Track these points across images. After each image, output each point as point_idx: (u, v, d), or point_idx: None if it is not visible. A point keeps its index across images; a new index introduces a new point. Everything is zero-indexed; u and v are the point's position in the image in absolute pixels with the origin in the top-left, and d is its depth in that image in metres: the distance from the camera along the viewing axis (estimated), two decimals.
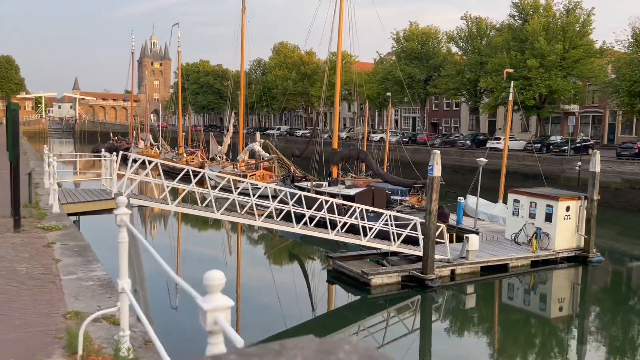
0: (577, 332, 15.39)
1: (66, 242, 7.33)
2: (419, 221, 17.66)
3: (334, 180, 27.89)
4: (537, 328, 15.53)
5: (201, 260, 21.24)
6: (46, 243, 7.20)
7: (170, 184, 13.17)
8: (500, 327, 15.95)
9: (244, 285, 18.02)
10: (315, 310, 16.49)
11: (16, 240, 7.30)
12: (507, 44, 44.60)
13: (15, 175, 7.69)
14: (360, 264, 17.40)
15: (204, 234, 27.17)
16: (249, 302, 16.30)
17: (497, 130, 59.10)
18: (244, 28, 38.84)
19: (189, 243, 24.56)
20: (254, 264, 21.90)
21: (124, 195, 12.46)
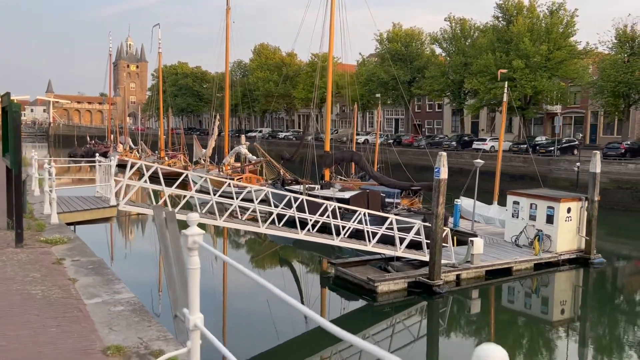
0: (583, 336, 15.15)
1: (77, 258, 6.60)
2: (422, 225, 17.23)
3: (326, 184, 27.33)
4: (545, 333, 15.23)
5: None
6: (55, 259, 6.46)
7: (171, 190, 12.43)
8: (506, 332, 15.58)
9: (234, 295, 17.30)
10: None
11: (21, 256, 6.54)
12: (491, 45, 44.73)
13: (17, 184, 6.92)
14: (364, 270, 16.86)
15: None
16: (243, 313, 15.58)
17: (480, 131, 59.41)
18: (229, 28, 38.08)
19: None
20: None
21: (122, 203, 11.69)
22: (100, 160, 12.72)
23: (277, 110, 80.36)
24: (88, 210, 11.04)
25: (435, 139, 52.28)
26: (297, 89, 69.42)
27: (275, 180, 31.30)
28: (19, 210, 6.88)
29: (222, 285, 17.96)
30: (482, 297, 17.35)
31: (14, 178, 6.89)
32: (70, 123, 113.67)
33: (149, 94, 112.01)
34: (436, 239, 15.55)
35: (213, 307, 14.94)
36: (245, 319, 14.67)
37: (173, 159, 48.50)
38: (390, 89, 55.52)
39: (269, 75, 74.37)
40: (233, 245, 25.70)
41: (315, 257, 22.25)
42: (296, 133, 75.60)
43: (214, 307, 14.98)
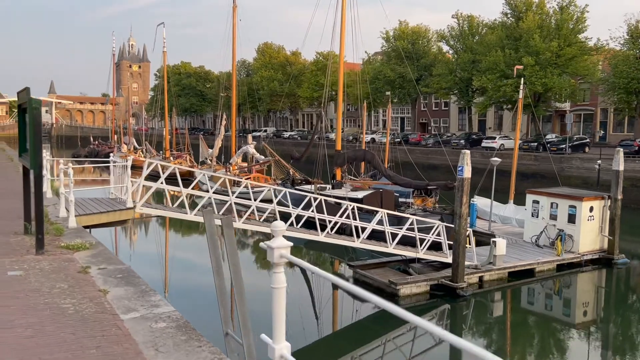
0: (607, 339, 14.69)
1: (103, 266, 6.11)
2: (443, 225, 16.74)
3: (337, 183, 26.84)
4: (568, 335, 14.79)
5: (190, 267, 20.23)
6: (80, 267, 5.98)
7: (188, 190, 11.95)
8: (529, 335, 15.09)
9: (247, 298, 16.79)
10: (337, 323, 15.46)
11: (43, 264, 6.06)
12: (500, 42, 44.19)
13: (38, 186, 6.43)
14: (383, 272, 16.38)
15: (193, 239, 25.85)
16: (256, 317, 15.13)
17: (487, 130, 58.85)
18: (235, 26, 37.55)
19: (177, 250, 23.33)
20: (254, 272, 20.78)
21: (139, 205, 11.21)
22: (115, 161, 12.23)
23: (282, 109, 79.85)
24: (104, 212, 10.56)
25: (443, 137, 51.73)
26: (302, 88, 68.91)
27: (284, 180, 30.82)
28: (40, 215, 6.39)
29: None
30: (505, 300, 16.85)
31: (34, 179, 6.40)
32: (73, 124, 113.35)
33: (152, 94, 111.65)
34: (459, 240, 15.06)
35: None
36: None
37: (178, 159, 48.00)
38: (397, 87, 55.00)
39: (274, 74, 73.89)
40: (242, 246, 25.23)
41: (327, 258, 21.80)
42: (301, 132, 75.10)
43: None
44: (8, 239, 7.42)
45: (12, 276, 5.53)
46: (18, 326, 4.09)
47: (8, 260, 6.21)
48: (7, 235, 7.69)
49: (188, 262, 21.14)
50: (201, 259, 21.94)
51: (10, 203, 11.31)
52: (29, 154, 7.19)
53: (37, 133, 6.32)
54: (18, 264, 6.06)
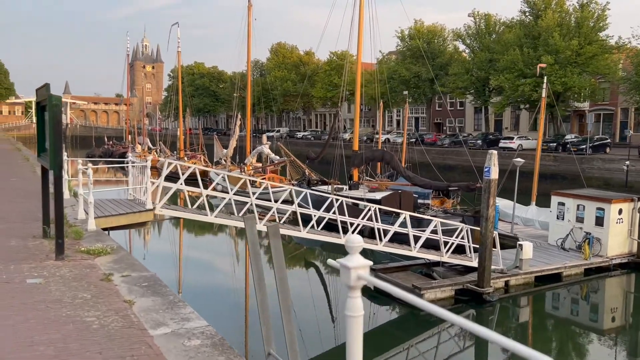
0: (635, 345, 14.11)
1: (126, 273, 5.74)
2: (468, 228, 16.25)
3: (355, 184, 26.40)
4: (596, 341, 14.25)
5: (212, 272, 19.88)
6: (102, 275, 5.61)
7: (208, 192, 11.60)
8: (557, 341, 14.55)
9: (270, 310, 16.40)
10: None
11: (64, 271, 5.70)
12: (518, 40, 43.44)
13: (58, 187, 6.08)
14: (406, 276, 15.91)
15: (210, 241, 25.54)
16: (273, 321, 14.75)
17: (504, 130, 58.02)
18: (250, 25, 37.26)
19: (195, 252, 23.03)
20: (269, 274, 20.42)
21: (158, 207, 10.88)
22: (134, 161, 11.91)
23: (295, 109, 79.57)
24: (124, 214, 10.22)
25: (459, 137, 51.03)
26: (315, 88, 68.54)
27: (300, 181, 30.44)
28: (60, 218, 6.04)
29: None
30: (531, 305, 16.31)
31: (54, 180, 6.06)
32: (88, 124, 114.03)
33: (165, 94, 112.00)
34: (486, 244, 14.55)
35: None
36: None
37: (192, 159, 47.84)
38: (412, 87, 54.40)
39: (287, 74, 73.62)
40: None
41: (335, 258, 21.31)
42: (314, 133, 74.74)
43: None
44: (26, 243, 7.10)
45: (32, 284, 5.19)
46: (39, 343, 3.73)
47: (27, 266, 5.88)
48: (25, 239, 7.37)
49: (208, 266, 20.79)
50: (223, 263, 21.56)
51: (27, 204, 11.04)
52: (48, 154, 6.86)
53: (57, 131, 5.97)
54: (37, 270, 5.72)
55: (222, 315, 14.12)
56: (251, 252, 3.43)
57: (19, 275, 5.48)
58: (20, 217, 9.39)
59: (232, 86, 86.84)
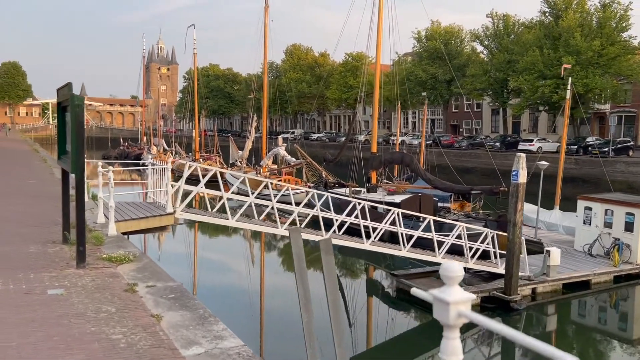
0: None
1: (151, 283, 5.42)
2: (494, 233, 15.77)
3: (373, 187, 25.98)
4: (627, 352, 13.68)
5: (220, 272, 19.62)
6: (126, 285, 5.29)
7: (228, 194, 11.28)
8: (587, 351, 14.00)
9: (279, 307, 16.17)
10: (379, 336, 14.64)
11: (85, 280, 5.40)
12: (538, 41, 42.71)
13: (80, 192, 5.79)
14: (429, 282, 15.45)
15: (222, 243, 25.25)
16: (291, 327, 14.49)
17: (522, 132, 57.18)
18: (267, 27, 37.02)
19: (215, 258, 22.76)
20: (286, 278, 20.12)
21: (179, 210, 10.59)
22: (154, 164, 11.63)
23: (310, 111, 79.32)
24: (144, 218, 9.94)
25: (477, 139, 50.35)
26: (330, 90, 68.20)
27: (317, 183, 30.09)
28: (82, 224, 5.75)
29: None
30: (559, 313, 15.77)
31: (76, 185, 5.76)
32: (103, 125, 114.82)
33: (180, 96, 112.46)
34: (514, 250, 14.07)
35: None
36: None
37: (208, 160, 47.75)
38: (428, 89, 53.83)
39: (302, 76, 73.39)
40: (269, 248, 24.60)
41: (363, 265, 21.01)
42: (329, 134, 74.38)
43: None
44: (46, 249, 6.82)
45: (53, 296, 4.89)
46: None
47: (47, 275, 5.58)
48: (44, 245, 7.10)
49: (223, 269, 20.51)
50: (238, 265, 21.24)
51: (45, 207, 10.82)
52: (69, 156, 6.58)
53: (79, 133, 5.68)
54: (58, 280, 5.43)
55: (249, 327, 13.88)
56: (297, 268, 3.07)
57: (39, 285, 5.19)
58: (38, 221, 9.15)
59: (247, 88, 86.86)
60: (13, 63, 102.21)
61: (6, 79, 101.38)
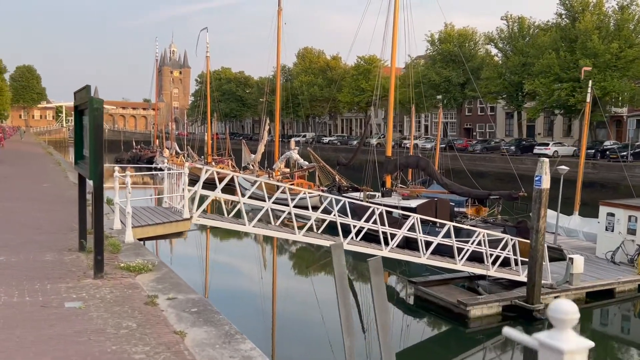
0: None
1: (172, 295, 5.17)
2: (516, 240, 15.39)
3: (387, 191, 25.64)
4: None
5: (235, 274, 19.40)
6: (146, 297, 5.04)
7: (245, 199, 11.04)
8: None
9: (292, 310, 15.91)
10: (396, 344, 14.30)
11: (104, 292, 5.16)
12: (554, 43, 42.12)
13: (98, 199, 5.56)
14: (448, 290, 15.10)
15: (233, 246, 25.02)
16: (304, 331, 14.24)
17: (536, 135, 56.50)
18: (280, 30, 36.88)
19: (219, 256, 22.58)
20: (299, 282, 19.85)
21: (195, 215, 10.37)
22: (170, 168, 11.44)
23: (321, 114, 79.10)
24: (160, 224, 9.72)
25: (491, 143, 49.79)
26: (342, 93, 67.94)
27: (330, 187, 29.83)
28: (100, 232, 5.52)
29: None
30: (582, 323, 15.28)
31: (94, 192, 5.53)
32: (116, 128, 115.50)
33: (192, 99, 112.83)
34: (536, 257, 13.67)
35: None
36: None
37: (220, 164, 47.67)
38: (442, 92, 53.38)
39: (313, 79, 73.22)
40: (281, 252, 24.35)
41: (367, 267, 20.64)
42: (341, 138, 74.08)
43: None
44: (62, 257, 6.61)
45: (71, 309, 4.65)
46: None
47: (64, 285, 5.36)
48: (60, 252, 6.89)
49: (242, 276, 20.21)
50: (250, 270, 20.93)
51: (61, 212, 10.66)
52: (86, 162, 6.37)
53: (97, 138, 5.45)
54: (76, 291, 5.20)
55: (250, 323, 13.66)
56: (338, 288, 2.79)
57: (56, 297, 4.96)
58: (54, 227, 8.97)
59: (258, 91, 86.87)
60: (28, 67, 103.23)
61: (21, 82, 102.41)
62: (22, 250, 6.94)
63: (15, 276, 5.63)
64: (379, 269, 2.49)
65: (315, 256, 22.48)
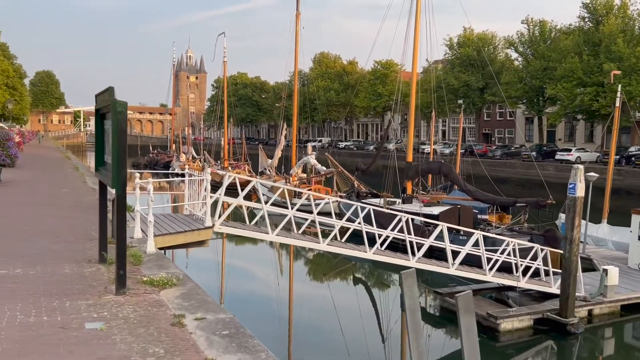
0: None
1: (200, 314, 4.75)
2: (547, 249, 14.79)
3: (408, 197, 25.08)
4: None
5: (248, 279, 19.08)
6: (172, 317, 4.63)
7: (267, 207, 10.62)
8: None
9: (308, 319, 15.46)
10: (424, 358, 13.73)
11: (127, 311, 4.76)
12: (577, 47, 41.30)
13: (121, 209, 5.18)
14: (476, 301, 14.48)
15: (248, 251, 24.56)
16: (324, 342, 13.78)
17: (557, 141, 55.49)
18: (298, 34, 36.56)
19: (234, 260, 22.17)
20: (315, 288, 19.37)
21: (218, 223, 9.98)
22: (192, 174, 11.07)
23: (337, 119, 78.73)
24: (182, 232, 9.35)
25: (511, 148, 48.95)
26: (359, 98, 67.53)
27: (349, 193, 29.34)
28: (122, 244, 5.13)
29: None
30: (617, 337, 14.66)
31: (117, 201, 5.15)
32: (133, 133, 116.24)
33: (208, 104, 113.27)
34: (570, 269, 13.07)
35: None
36: None
37: (236, 169, 47.45)
38: (460, 96, 52.69)
39: (330, 84, 72.92)
40: (297, 257, 23.87)
41: (386, 275, 20.20)
42: (357, 143, 73.61)
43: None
44: (82, 270, 6.24)
45: (92, 331, 4.25)
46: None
47: (85, 303, 4.97)
48: (80, 264, 6.52)
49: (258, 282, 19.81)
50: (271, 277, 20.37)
51: (80, 219, 10.34)
52: (107, 169, 6.00)
53: (121, 143, 5.07)
54: (97, 309, 4.80)
55: (267, 329, 13.27)
56: (409, 322, 2.41)
57: (76, 317, 4.57)
58: (73, 235, 8.64)
59: (274, 96, 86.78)
60: (47, 72, 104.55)
61: (40, 87, 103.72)
62: (39, 261, 6.59)
63: (32, 292, 5.26)
64: (469, 307, 2.06)
65: (333, 263, 22.02)
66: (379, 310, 17.04)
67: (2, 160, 18.63)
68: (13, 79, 61.03)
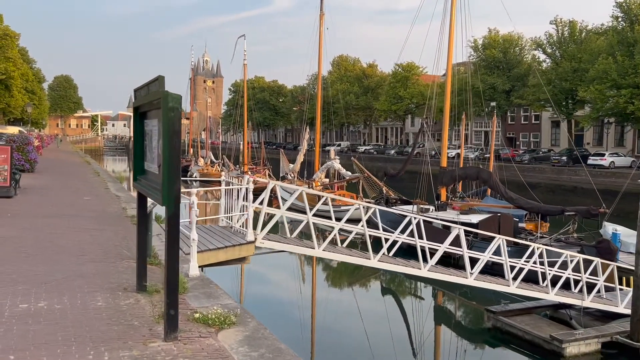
0: None
1: None
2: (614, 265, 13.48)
3: (442, 204, 23.81)
4: None
5: (270, 284, 18.28)
6: None
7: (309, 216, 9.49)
8: None
9: (332, 325, 14.42)
10: None
11: None
12: (610, 48, 39.69)
13: (172, 235, 4.05)
14: (533, 321, 13.22)
15: (269, 255, 23.31)
16: (348, 348, 12.75)
17: (585, 145, 53.70)
18: (322, 35, 35.51)
19: (255, 266, 21.05)
20: (338, 297, 18.24)
21: (260, 237, 8.87)
22: (229, 182, 9.99)
23: (357, 123, 77.50)
24: (222, 248, 8.26)
25: (540, 153, 47.32)
26: (379, 101, 66.26)
27: (377, 199, 28.11)
28: (174, 278, 4.01)
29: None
30: None
31: (168, 222, 4.04)
32: None
33: (225, 108, 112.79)
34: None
35: None
36: None
37: (256, 173, 46.47)
38: (486, 99, 51.17)
39: (349, 87, 71.78)
40: (320, 261, 22.62)
41: (421, 288, 18.98)
42: (377, 147, 72.31)
43: None
44: (117, 302, 5.14)
45: None
46: None
47: (127, 355, 3.84)
48: (114, 293, 5.43)
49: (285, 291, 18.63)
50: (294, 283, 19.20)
51: (107, 232, 9.30)
52: (149, 179, 4.91)
53: (174, 149, 3.96)
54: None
55: (288, 333, 12.32)
56: None
57: None
58: (101, 253, 7.58)
59: (292, 100, 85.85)
60: (65, 77, 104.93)
61: (59, 92, 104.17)
62: (65, 289, 5.52)
63: (61, 335, 4.16)
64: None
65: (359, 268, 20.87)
66: (409, 323, 15.90)
67: (22, 165, 17.80)
68: (32, 83, 60.91)
